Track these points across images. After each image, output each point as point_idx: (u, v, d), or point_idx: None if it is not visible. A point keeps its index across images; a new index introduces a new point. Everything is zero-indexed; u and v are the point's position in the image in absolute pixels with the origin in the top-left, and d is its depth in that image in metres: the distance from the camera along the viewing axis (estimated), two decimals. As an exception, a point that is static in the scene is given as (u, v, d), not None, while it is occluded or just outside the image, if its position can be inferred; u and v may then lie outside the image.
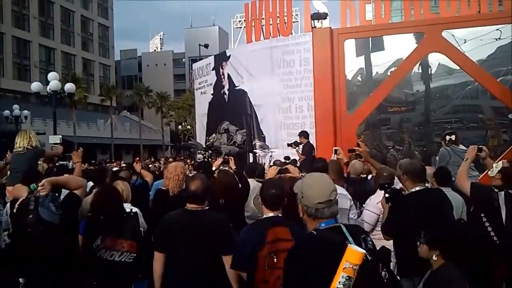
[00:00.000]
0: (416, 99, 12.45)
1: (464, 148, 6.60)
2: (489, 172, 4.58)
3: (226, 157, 6.47)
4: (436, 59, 11.65)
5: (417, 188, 4.06)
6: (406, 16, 12.69)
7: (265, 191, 3.43)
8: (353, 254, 1.95)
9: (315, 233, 2.34)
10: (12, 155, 6.17)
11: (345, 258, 1.94)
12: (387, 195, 4.16)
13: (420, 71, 12.23)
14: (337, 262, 1.98)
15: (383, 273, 2.35)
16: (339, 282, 1.92)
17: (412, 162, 4.20)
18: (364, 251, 2.01)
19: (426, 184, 4.36)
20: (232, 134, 15.76)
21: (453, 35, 10.77)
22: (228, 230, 3.62)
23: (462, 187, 4.51)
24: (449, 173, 5.20)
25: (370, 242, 2.35)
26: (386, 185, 4.28)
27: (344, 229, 2.26)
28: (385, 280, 2.38)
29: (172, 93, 63.89)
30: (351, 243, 2.08)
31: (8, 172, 7.37)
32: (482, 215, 4.26)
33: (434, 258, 3.04)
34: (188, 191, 3.63)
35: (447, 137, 7.42)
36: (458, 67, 10.96)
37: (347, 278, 1.92)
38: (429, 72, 12.13)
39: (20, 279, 3.65)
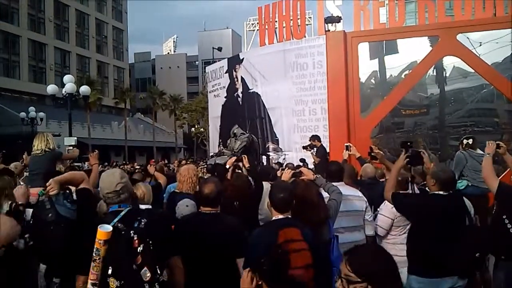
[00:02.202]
0: (431, 103, 12.35)
1: (481, 152, 6.54)
2: None
3: (239, 155, 6.50)
4: (451, 62, 11.55)
5: (441, 193, 4.04)
6: (420, 19, 12.59)
7: (274, 194, 3.47)
8: (99, 232, 2.80)
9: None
10: (30, 158, 6.25)
11: (96, 236, 2.81)
12: (408, 153, 4.21)
13: (435, 74, 12.14)
14: None
15: None
16: (94, 252, 2.82)
17: (445, 171, 4.16)
18: (108, 230, 2.81)
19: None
20: (235, 139, 15.79)
21: (468, 38, 10.66)
22: (242, 233, 3.64)
23: (489, 184, 4.39)
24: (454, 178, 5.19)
25: (143, 223, 3.00)
26: (409, 143, 4.30)
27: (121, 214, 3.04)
28: None
29: (186, 96, 64.16)
30: (102, 226, 2.84)
31: (25, 173, 7.50)
32: (504, 216, 4.19)
33: None
34: (201, 194, 3.65)
35: (465, 141, 7.35)
36: (473, 70, 10.85)
37: (96, 249, 2.80)
38: (444, 75, 12.03)
39: (55, 279, 3.72)
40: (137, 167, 13.55)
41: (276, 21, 15.02)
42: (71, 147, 8.96)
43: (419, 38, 11.54)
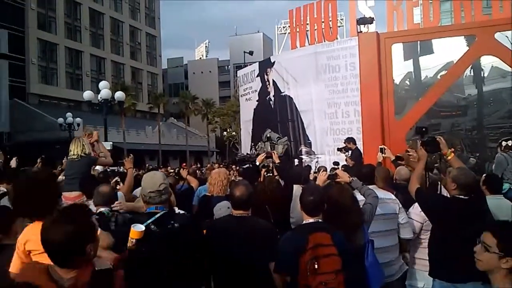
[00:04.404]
0: (468, 103, 12.01)
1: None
2: None
3: (269, 151, 6.48)
4: (488, 61, 11.24)
5: (461, 196, 3.89)
6: (456, 18, 12.27)
7: (304, 197, 3.46)
8: (132, 231, 2.90)
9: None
10: (67, 162, 6.37)
11: (129, 235, 2.91)
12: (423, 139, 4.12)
13: (472, 74, 11.82)
14: None
15: None
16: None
17: (466, 174, 4.00)
18: (140, 230, 2.90)
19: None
20: (274, 143, 15.72)
21: (506, 37, 10.34)
22: (274, 236, 3.60)
23: None
24: (500, 180, 4.97)
25: (176, 226, 3.08)
26: (424, 129, 4.17)
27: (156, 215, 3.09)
28: None
29: (217, 100, 64.65)
30: (135, 225, 2.93)
31: (60, 177, 7.66)
32: None
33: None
34: (232, 197, 3.63)
35: (504, 143, 7.12)
36: (512, 70, 10.51)
37: (128, 247, 2.91)
38: (482, 75, 11.70)
39: None
40: (171, 171, 13.68)
41: (307, 24, 14.94)
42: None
43: (455, 38, 11.28)
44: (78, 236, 2.05)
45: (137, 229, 2.94)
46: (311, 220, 3.39)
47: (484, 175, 4.92)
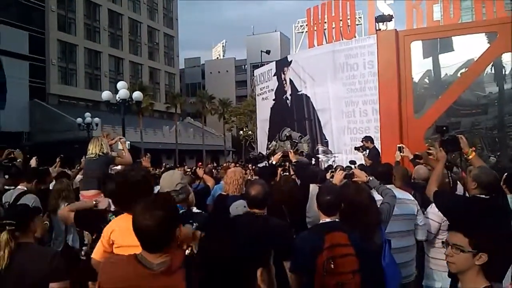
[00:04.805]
0: (489, 102, 11.78)
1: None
2: None
3: (286, 150, 6.46)
4: (510, 59, 10.99)
5: (482, 196, 3.79)
6: (477, 15, 12.07)
7: (321, 196, 3.43)
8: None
9: None
10: (85, 161, 6.42)
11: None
12: (443, 138, 4.03)
13: (493, 72, 11.59)
14: None
15: None
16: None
17: (487, 173, 3.90)
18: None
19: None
20: (296, 141, 15.63)
21: (529, 33, 10.10)
22: (290, 236, 3.60)
23: None
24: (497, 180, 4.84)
25: (194, 226, 3.00)
26: (444, 128, 4.07)
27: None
28: None
29: (234, 100, 64.83)
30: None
31: (78, 176, 7.72)
32: None
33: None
34: (248, 196, 3.61)
35: (525, 142, 6.93)
36: (535, 67, 10.27)
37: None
38: (503, 73, 11.46)
39: None
40: (187, 170, 13.71)
41: (325, 22, 14.87)
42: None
43: (476, 35, 11.08)
44: (168, 221, 2.16)
45: None
46: (327, 219, 3.35)
47: (506, 174, 4.80)
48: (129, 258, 2.19)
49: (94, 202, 4.21)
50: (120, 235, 2.79)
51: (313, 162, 14.35)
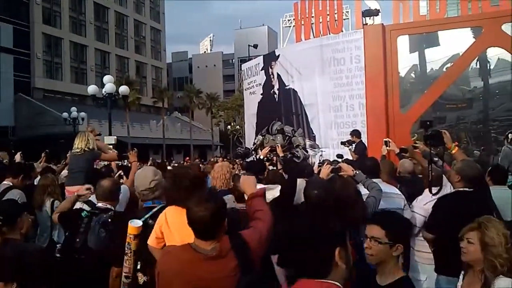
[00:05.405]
0: (474, 96, 11.89)
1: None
2: None
3: (273, 145, 6.47)
4: (495, 53, 11.10)
5: (466, 189, 3.85)
6: (463, 10, 12.13)
7: (308, 191, 3.44)
8: (130, 227, 2.98)
9: None
10: (70, 156, 6.37)
11: (128, 231, 3.00)
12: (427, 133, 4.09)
13: (478, 66, 11.69)
14: None
15: None
16: (126, 246, 3.01)
17: (470, 166, 3.95)
18: (138, 225, 3.00)
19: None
20: (289, 135, 15.58)
21: (514, 28, 10.20)
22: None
23: None
24: (506, 172, 4.91)
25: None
26: (428, 122, 4.12)
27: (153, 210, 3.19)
28: None
29: (222, 94, 64.67)
30: (133, 221, 3.02)
31: (64, 171, 7.65)
32: None
33: None
34: (236, 190, 3.62)
35: (510, 135, 7.04)
36: (519, 62, 10.38)
37: (127, 243, 3.00)
38: (488, 68, 11.57)
39: None
40: (175, 165, 13.68)
41: (312, 16, 14.82)
42: (110, 146, 9.12)
43: (461, 30, 11.15)
44: (219, 211, 2.45)
45: (135, 224, 3.01)
46: (315, 214, 3.35)
47: (490, 167, 4.88)
48: (184, 247, 2.49)
49: (76, 194, 4.21)
50: (169, 224, 2.92)
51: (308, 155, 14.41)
